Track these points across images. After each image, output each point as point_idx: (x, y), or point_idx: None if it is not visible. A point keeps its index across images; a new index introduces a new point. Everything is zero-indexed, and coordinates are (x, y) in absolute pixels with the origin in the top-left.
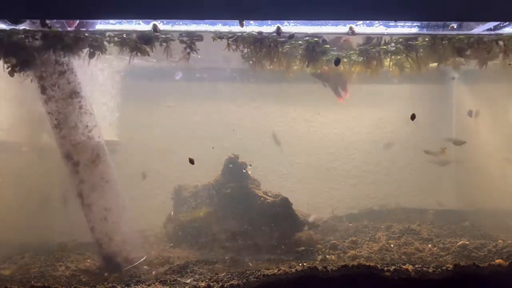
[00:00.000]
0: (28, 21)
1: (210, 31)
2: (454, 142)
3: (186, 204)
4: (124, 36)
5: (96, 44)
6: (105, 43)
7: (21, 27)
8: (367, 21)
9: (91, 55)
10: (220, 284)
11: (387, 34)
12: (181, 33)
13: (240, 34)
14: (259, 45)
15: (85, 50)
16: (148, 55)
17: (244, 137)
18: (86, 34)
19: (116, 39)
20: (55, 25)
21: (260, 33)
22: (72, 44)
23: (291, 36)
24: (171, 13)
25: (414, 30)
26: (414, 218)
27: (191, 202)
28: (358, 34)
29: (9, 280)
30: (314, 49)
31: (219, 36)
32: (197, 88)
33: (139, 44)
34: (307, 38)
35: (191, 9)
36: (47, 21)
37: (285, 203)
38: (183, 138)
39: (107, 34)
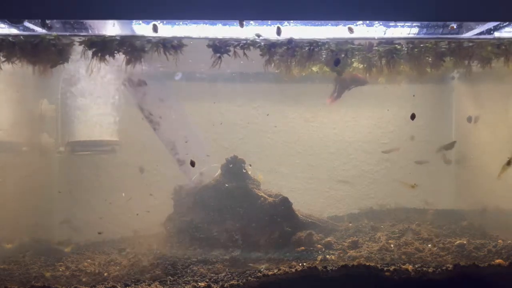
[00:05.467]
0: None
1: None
2: (445, 147)
3: (186, 204)
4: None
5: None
6: None
7: None
8: (367, 21)
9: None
10: (220, 284)
11: (378, 39)
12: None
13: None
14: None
15: None
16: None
17: (244, 137)
18: None
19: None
20: (55, 25)
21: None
22: None
23: (290, 41)
24: (171, 13)
25: (415, 30)
26: (414, 218)
27: (191, 202)
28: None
29: (9, 280)
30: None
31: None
32: (196, 88)
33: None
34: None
35: (191, 9)
36: (47, 21)
37: (285, 203)
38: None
39: None
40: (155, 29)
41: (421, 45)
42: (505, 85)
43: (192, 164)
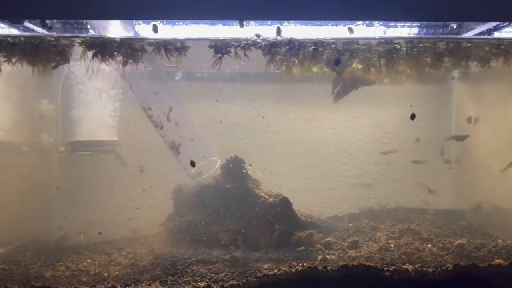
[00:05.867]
0: None
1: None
2: (456, 138)
3: (186, 204)
4: None
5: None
6: None
7: None
8: (367, 21)
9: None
10: (220, 284)
11: (378, 38)
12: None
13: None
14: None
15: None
16: None
17: (244, 137)
18: None
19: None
20: (55, 25)
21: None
22: None
23: (290, 41)
24: (171, 13)
25: (414, 30)
26: (414, 218)
27: (191, 202)
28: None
29: (9, 280)
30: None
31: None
32: (196, 88)
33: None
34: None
35: (191, 10)
36: (47, 21)
37: (285, 203)
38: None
39: None
40: (155, 29)
41: (420, 45)
42: (505, 85)
43: (192, 164)
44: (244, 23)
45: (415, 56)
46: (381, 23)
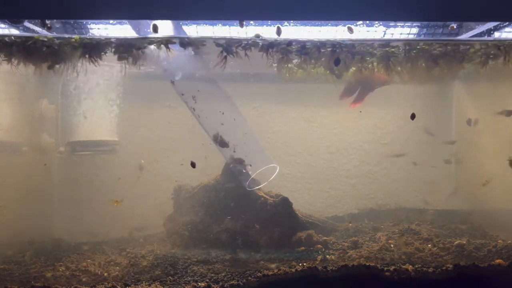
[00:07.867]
0: None
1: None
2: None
3: (186, 204)
4: None
5: None
6: None
7: None
8: (367, 21)
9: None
10: (220, 284)
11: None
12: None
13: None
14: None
15: None
16: None
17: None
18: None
19: None
20: (55, 25)
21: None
22: None
23: (290, 43)
24: (171, 13)
25: (414, 30)
26: (414, 218)
27: (191, 202)
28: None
29: (9, 280)
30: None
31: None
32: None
33: None
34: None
35: (191, 10)
36: (47, 21)
37: (285, 203)
38: (183, 137)
39: None
40: (155, 29)
41: (418, 47)
42: (505, 85)
43: (193, 165)
44: (244, 23)
45: (413, 58)
46: (381, 23)
